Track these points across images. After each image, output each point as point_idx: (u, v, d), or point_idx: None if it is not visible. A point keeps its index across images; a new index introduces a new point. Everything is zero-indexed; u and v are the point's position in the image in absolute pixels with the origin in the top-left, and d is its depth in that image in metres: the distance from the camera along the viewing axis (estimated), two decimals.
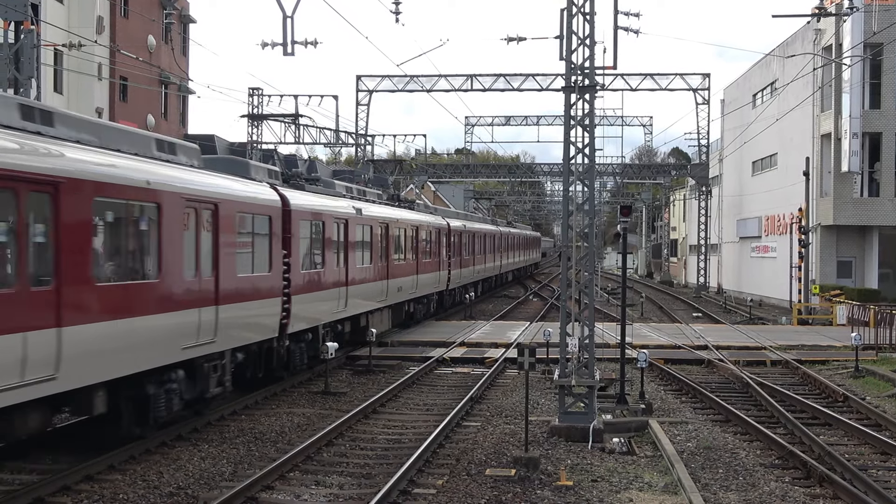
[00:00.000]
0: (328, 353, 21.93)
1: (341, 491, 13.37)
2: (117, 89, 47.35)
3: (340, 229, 25.04)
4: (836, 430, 18.14)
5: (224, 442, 16.40)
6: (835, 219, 45.84)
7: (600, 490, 13.63)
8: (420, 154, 76.99)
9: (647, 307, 49.84)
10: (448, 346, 29.60)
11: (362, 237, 27.28)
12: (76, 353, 12.68)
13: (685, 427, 18.20)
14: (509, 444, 16.45)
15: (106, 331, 13.46)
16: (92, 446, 14.74)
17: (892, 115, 45.17)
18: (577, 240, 18.45)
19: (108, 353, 13.63)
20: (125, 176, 14.19)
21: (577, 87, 17.63)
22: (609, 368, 23.83)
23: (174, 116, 55.43)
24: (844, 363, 26.65)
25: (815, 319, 40.51)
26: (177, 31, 55.18)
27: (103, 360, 13.56)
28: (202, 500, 12.59)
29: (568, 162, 17.77)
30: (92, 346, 13.17)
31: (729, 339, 32.36)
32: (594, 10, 17.55)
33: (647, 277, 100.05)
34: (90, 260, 13.21)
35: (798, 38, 50.87)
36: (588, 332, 17.71)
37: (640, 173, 79.79)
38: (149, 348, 14.69)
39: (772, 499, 13.24)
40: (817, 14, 24.93)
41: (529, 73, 59.58)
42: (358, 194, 29.41)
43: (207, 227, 16.72)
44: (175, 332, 15.45)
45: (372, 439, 16.93)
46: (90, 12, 44.49)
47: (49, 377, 12.25)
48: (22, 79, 19.17)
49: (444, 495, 13.14)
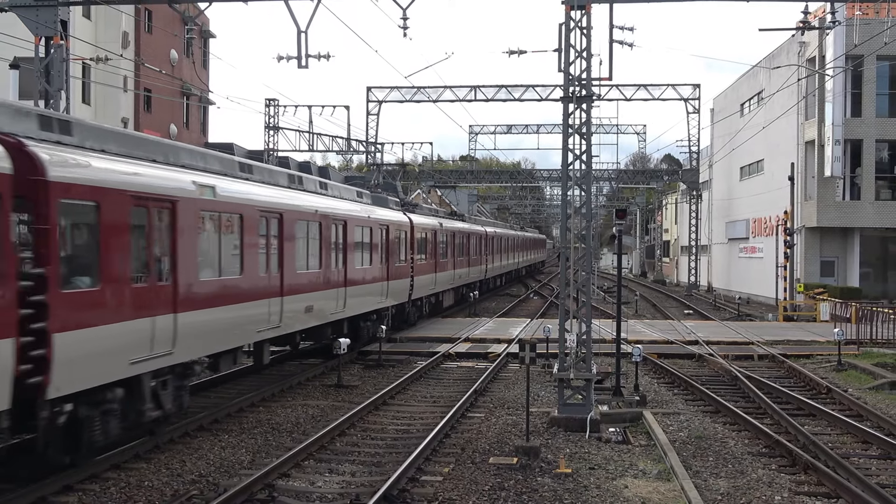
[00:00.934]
0: (341, 349, 21.95)
1: (353, 478, 13.37)
2: (142, 100, 47.42)
3: (437, 237, 37.13)
4: (819, 421, 18.10)
5: (243, 432, 16.41)
6: (818, 221, 45.78)
7: (597, 477, 13.62)
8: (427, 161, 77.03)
9: (641, 305, 49.79)
10: (453, 341, 29.59)
11: (445, 241, 39.15)
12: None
13: (677, 418, 18.18)
14: (511, 434, 16.44)
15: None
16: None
17: (872, 123, 45.15)
18: (575, 241, 18.44)
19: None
20: (346, 211, 24.18)
21: (574, 98, 17.62)
22: (605, 362, 23.85)
23: (195, 126, 55.50)
24: (827, 357, 26.58)
25: (800, 316, 40.43)
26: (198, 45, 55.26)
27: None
28: (222, 486, 12.60)
29: (566, 168, 17.76)
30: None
31: (719, 334, 32.29)
32: (591, 24, 17.55)
33: (641, 277, 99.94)
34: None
35: (783, 50, 50.80)
36: (586, 328, 17.69)
37: (634, 178, 79.63)
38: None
39: (759, 485, 13.22)
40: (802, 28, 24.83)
41: (530, 84, 59.57)
42: (442, 215, 42.99)
43: (394, 238, 29.24)
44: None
45: (382, 430, 16.93)
46: (116, 28, 44.58)
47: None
48: (52, 90, 19.20)
49: (450, 482, 13.13)
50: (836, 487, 12.85)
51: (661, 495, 12.68)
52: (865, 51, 39.21)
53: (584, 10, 17.45)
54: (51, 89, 19.18)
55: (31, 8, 19.00)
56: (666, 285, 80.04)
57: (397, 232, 30.03)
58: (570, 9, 17.39)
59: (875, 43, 35.95)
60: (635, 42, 19.76)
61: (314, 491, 12.65)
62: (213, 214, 15.98)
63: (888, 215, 45.46)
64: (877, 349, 28.22)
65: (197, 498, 12.22)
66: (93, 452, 13.07)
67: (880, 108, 45.74)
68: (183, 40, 51.36)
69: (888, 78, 45.47)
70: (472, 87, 60.14)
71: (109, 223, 12.59)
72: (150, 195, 13.64)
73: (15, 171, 10.72)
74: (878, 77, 44.89)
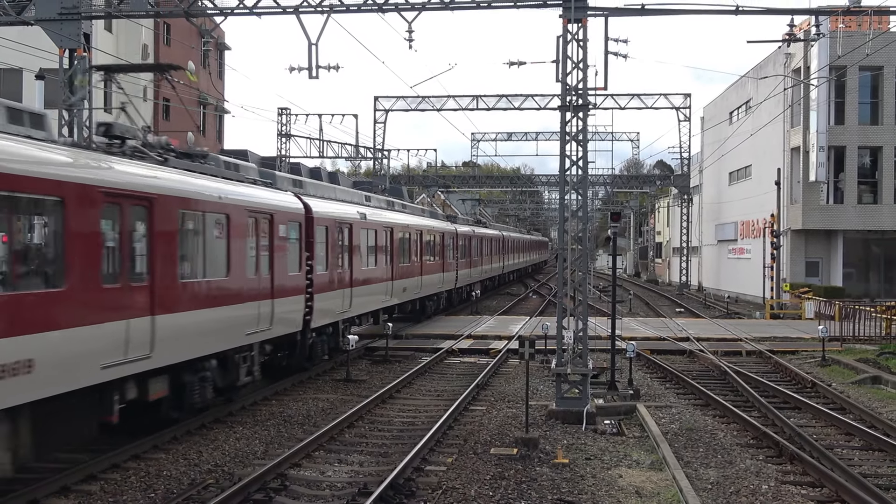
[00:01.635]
0: (349, 345, 21.97)
1: (361, 468, 13.38)
2: (160, 109, 47.49)
3: (471, 241, 45.30)
4: (805, 414, 18.09)
5: (256, 424, 16.43)
6: (803, 224, 45.72)
7: (593, 467, 13.62)
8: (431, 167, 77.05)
9: (635, 303, 49.73)
10: (456, 338, 29.58)
11: (477, 245, 47.53)
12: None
13: (669, 411, 18.17)
14: (511, 426, 16.45)
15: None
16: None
17: (854, 131, 45.12)
18: (572, 243, 18.45)
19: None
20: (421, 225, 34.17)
21: (571, 107, 17.63)
22: (601, 358, 23.83)
23: (212, 133, 55.55)
24: (812, 353, 26.56)
25: (786, 314, 40.36)
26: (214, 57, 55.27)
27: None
28: (237, 476, 12.62)
29: (563, 173, 17.77)
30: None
31: (709, 331, 32.27)
32: (587, 37, 17.56)
33: (635, 277, 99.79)
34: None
35: (770, 61, 50.74)
36: (582, 325, 17.70)
37: (628, 183, 79.64)
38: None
39: (747, 475, 13.21)
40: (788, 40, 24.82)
41: (529, 94, 59.53)
42: (472, 223, 50.80)
43: (447, 243, 37.52)
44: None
45: (389, 422, 16.94)
46: (136, 41, 44.67)
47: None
48: (75, 100, 19.24)
49: (453, 472, 13.15)
50: (821, 477, 12.85)
51: (654, 484, 12.68)
52: (848, 62, 39.07)
53: (581, 23, 17.47)
54: (74, 99, 19.22)
55: (55, 22, 19.05)
56: (658, 285, 79.94)
57: (449, 238, 39.29)
58: (568, 22, 17.42)
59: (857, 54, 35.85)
60: (629, 54, 19.73)
61: (324, 480, 12.66)
62: (364, 230, 25.37)
63: (870, 218, 45.42)
64: (859, 345, 28.20)
65: (213, 486, 12.23)
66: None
67: (862, 117, 45.69)
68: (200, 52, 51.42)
69: (870, 87, 45.41)
70: (475, 97, 60.18)
71: (333, 237, 22.19)
72: (343, 221, 23.23)
73: (305, 212, 20.43)
74: (861, 87, 44.85)
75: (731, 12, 17.98)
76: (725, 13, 18.07)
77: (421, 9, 18.88)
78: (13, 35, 29.91)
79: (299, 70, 25.81)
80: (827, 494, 12.28)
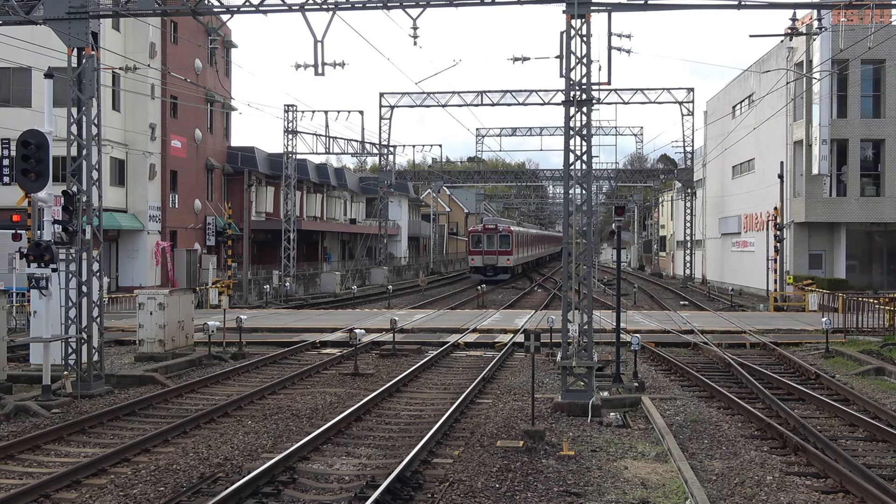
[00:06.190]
0: (357, 339, 21.96)
1: (369, 461, 13.37)
2: (168, 107, 47.50)
3: (522, 236, 66.86)
4: (808, 405, 18.03)
5: (265, 418, 16.43)
6: (806, 216, 45.60)
7: (599, 459, 13.59)
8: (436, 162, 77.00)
9: (640, 296, 49.68)
10: (462, 332, 29.57)
11: (526, 239, 69.93)
12: None
13: (674, 403, 18.13)
14: (517, 418, 16.42)
15: None
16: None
17: (857, 124, 44.97)
18: (577, 237, 18.40)
19: None
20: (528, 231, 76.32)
21: (575, 101, 17.57)
22: (606, 351, 23.80)
23: (218, 130, 55.56)
24: (816, 345, 26.49)
25: (790, 306, 40.29)
26: (220, 55, 55.30)
27: None
28: (246, 469, 12.62)
29: (568, 168, 17.72)
30: None
31: (713, 324, 32.21)
32: (590, 32, 17.49)
33: (639, 270, 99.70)
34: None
35: (773, 55, 50.59)
36: (587, 318, 17.66)
37: (632, 177, 79.50)
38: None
39: (752, 466, 13.17)
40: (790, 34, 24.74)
41: (533, 89, 59.57)
42: (517, 224, 73.51)
43: (523, 240, 70.08)
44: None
45: (396, 415, 16.93)
46: (144, 39, 44.67)
47: None
48: (84, 98, 19.23)
49: (460, 464, 13.13)
50: (825, 468, 12.80)
51: (660, 476, 12.65)
52: (850, 55, 39.04)
53: (584, 18, 17.39)
54: (83, 97, 19.21)
55: (64, 21, 19.02)
56: (662, 278, 79.87)
57: (523, 236, 65.43)
58: (571, 17, 17.34)
59: (860, 48, 35.79)
60: (633, 48, 19.74)
61: (332, 473, 12.65)
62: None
63: (872, 210, 45.30)
64: (862, 337, 28.11)
65: (222, 480, 12.23)
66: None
67: (864, 110, 45.55)
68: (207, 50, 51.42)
69: (872, 81, 45.28)
70: (479, 93, 60.11)
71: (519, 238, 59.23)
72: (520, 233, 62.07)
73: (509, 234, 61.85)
74: (863, 80, 44.72)
75: (734, 6, 17.88)
76: (728, 7, 17.97)
77: (426, 5, 18.79)
78: (26, 35, 29.99)
79: (305, 67, 25.82)
80: (831, 485, 12.23)
